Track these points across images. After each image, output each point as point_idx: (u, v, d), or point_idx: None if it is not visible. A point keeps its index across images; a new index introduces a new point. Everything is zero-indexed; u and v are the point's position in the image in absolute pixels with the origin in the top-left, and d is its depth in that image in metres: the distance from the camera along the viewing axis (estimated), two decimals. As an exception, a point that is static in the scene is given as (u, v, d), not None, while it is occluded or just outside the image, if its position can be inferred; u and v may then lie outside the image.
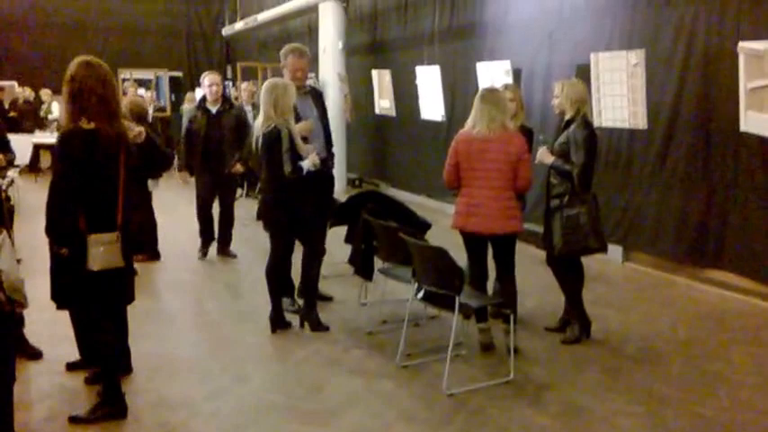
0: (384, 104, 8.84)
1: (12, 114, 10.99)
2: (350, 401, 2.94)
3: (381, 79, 8.72)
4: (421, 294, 3.30)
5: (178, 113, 10.58)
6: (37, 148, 10.17)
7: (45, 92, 11.79)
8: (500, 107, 3.35)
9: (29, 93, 11.85)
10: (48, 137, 10.06)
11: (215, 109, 5.31)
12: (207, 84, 5.34)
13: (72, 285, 2.71)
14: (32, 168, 9.89)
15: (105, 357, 2.77)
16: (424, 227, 4.04)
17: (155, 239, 5.45)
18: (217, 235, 5.53)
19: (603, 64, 5.19)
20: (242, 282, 4.99)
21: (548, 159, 3.55)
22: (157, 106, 11.82)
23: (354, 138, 9.23)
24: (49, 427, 2.69)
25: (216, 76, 5.41)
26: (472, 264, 3.51)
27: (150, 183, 5.05)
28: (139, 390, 3.02)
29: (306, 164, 3.60)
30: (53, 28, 13.80)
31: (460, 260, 3.21)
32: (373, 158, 9.47)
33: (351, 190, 8.12)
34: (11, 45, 13.41)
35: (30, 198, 6.64)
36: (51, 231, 2.69)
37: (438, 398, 2.96)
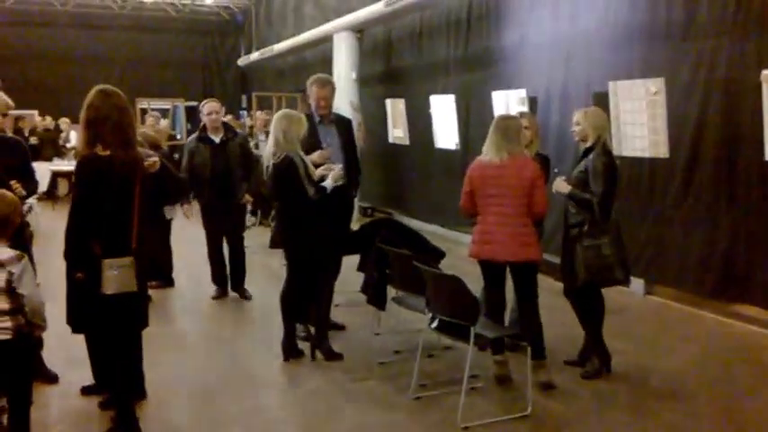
0: (398, 133, 8.98)
1: (32, 142, 11.37)
2: (362, 433, 2.92)
3: (395, 108, 8.89)
4: (435, 324, 3.29)
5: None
6: (55, 176, 10.48)
7: (64, 120, 12.20)
8: (509, 135, 3.38)
9: (48, 121, 12.28)
10: (65, 164, 10.37)
11: (218, 139, 5.04)
12: (206, 112, 5.05)
13: (87, 309, 2.78)
14: (50, 195, 10.17)
15: (119, 382, 2.81)
16: (438, 255, 4.06)
17: (169, 266, 5.53)
18: (229, 271, 5.27)
19: (622, 92, 5.25)
20: (255, 309, 5.02)
21: (564, 189, 3.56)
22: (171, 135, 12.09)
23: (367, 166, 9.30)
24: (60, 453, 2.71)
25: (215, 104, 5.13)
26: (488, 293, 3.50)
27: (168, 210, 5.09)
28: (152, 415, 3.04)
29: (328, 183, 3.70)
30: (73, 59, 14.40)
31: (475, 290, 3.21)
32: (386, 187, 9.56)
33: (363, 219, 8.17)
34: (32, 75, 13.99)
35: (47, 225, 6.81)
36: (69, 255, 2.77)
37: (452, 431, 2.92)
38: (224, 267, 5.27)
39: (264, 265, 6.08)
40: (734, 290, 4.61)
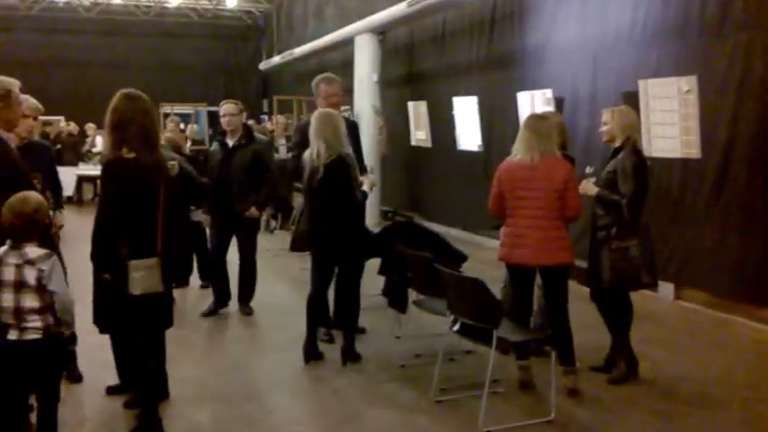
0: (420, 135, 9.02)
1: (57, 147, 11.75)
2: (382, 436, 2.96)
3: (417, 110, 8.94)
4: (456, 327, 3.31)
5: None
6: (80, 180, 10.83)
7: (90, 126, 12.58)
8: (542, 134, 3.33)
9: (73, 127, 12.68)
10: (91, 169, 10.70)
11: (231, 143, 4.72)
12: (221, 113, 4.79)
13: (113, 310, 2.89)
14: (76, 199, 10.51)
15: (144, 382, 2.91)
16: (460, 258, 4.08)
17: (188, 268, 5.63)
18: (238, 288, 4.91)
19: (653, 91, 5.19)
20: (274, 311, 5.10)
21: (591, 191, 3.53)
22: (196, 140, 12.33)
23: (389, 170, 9.42)
24: (86, 451, 2.83)
25: (231, 106, 4.78)
26: (516, 297, 3.49)
27: (193, 213, 5.13)
28: (175, 415, 3.14)
29: (366, 187, 3.79)
30: (98, 65, 14.85)
31: (497, 293, 3.22)
32: (408, 190, 9.60)
33: (384, 222, 8.23)
34: (58, 81, 14.48)
35: (73, 228, 7.03)
36: (95, 257, 2.89)
37: (474, 435, 2.95)
38: (225, 281, 4.90)
39: (285, 268, 6.17)
40: (767, 295, 4.52)
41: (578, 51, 6.09)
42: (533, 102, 6.45)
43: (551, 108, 6.01)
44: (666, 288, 5.10)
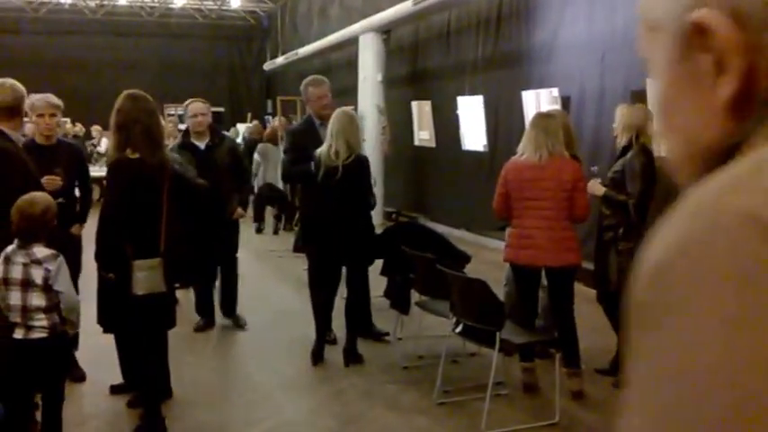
0: (423, 136, 9.04)
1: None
2: (384, 437, 2.99)
3: (421, 110, 8.96)
4: (459, 329, 3.32)
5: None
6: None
7: (95, 128, 12.70)
8: (550, 133, 3.31)
9: (78, 128, 12.80)
10: (96, 170, 10.78)
11: (203, 144, 4.33)
12: (190, 113, 4.32)
13: (117, 309, 2.94)
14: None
15: (147, 382, 2.96)
16: (463, 259, 4.09)
17: (197, 270, 5.64)
18: (219, 295, 4.62)
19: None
20: (279, 313, 5.14)
21: (598, 191, 3.52)
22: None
23: (392, 170, 9.44)
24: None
25: (202, 105, 4.39)
26: (521, 298, 3.49)
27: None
28: (178, 415, 3.18)
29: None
30: (103, 66, 14.97)
31: (500, 295, 3.24)
32: (411, 191, 9.61)
33: (387, 223, 8.25)
34: (63, 83, 14.56)
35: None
36: (99, 257, 2.94)
37: (477, 437, 2.97)
38: (209, 293, 4.62)
39: (288, 269, 6.21)
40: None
41: (586, 49, 6.07)
42: (539, 101, 6.46)
43: (558, 107, 6.01)
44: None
